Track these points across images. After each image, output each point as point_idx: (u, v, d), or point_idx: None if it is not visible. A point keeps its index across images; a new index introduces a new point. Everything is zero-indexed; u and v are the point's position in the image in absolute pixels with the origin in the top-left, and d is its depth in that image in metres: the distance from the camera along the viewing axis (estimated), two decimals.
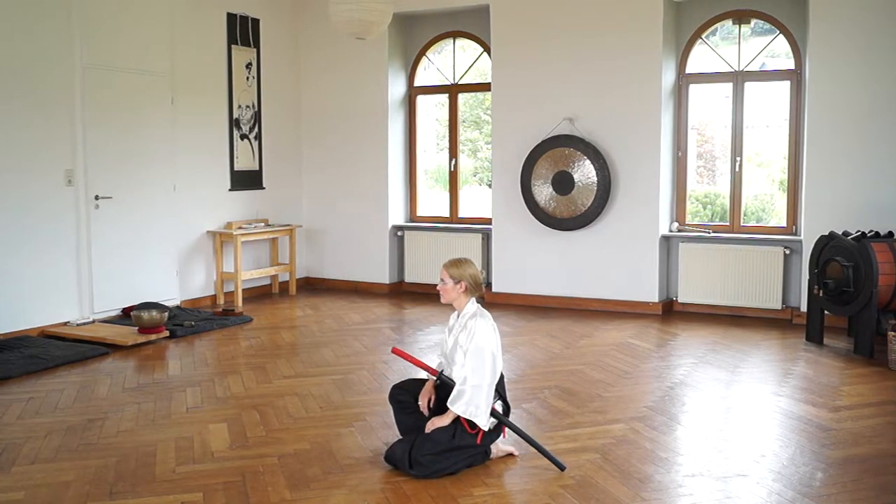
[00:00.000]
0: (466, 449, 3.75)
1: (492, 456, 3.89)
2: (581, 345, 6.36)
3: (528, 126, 7.90)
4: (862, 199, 6.75)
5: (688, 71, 7.69)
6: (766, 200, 7.92)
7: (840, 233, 6.19)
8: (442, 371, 3.94)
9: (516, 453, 3.95)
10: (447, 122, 8.89)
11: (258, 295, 8.64)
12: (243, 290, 8.27)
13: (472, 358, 3.75)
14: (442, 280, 3.93)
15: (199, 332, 6.78)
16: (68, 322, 6.79)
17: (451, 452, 3.71)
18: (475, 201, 9.07)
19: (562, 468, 3.77)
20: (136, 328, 6.51)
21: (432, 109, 9.30)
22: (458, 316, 3.95)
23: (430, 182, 9.37)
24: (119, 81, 7.14)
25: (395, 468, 3.76)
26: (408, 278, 8.86)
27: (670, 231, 7.72)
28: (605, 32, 7.58)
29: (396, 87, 8.84)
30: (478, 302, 3.98)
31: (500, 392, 3.91)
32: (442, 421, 3.76)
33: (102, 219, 7.04)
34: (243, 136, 8.45)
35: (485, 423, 3.74)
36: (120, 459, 3.94)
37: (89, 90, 6.89)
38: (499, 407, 3.90)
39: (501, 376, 3.92)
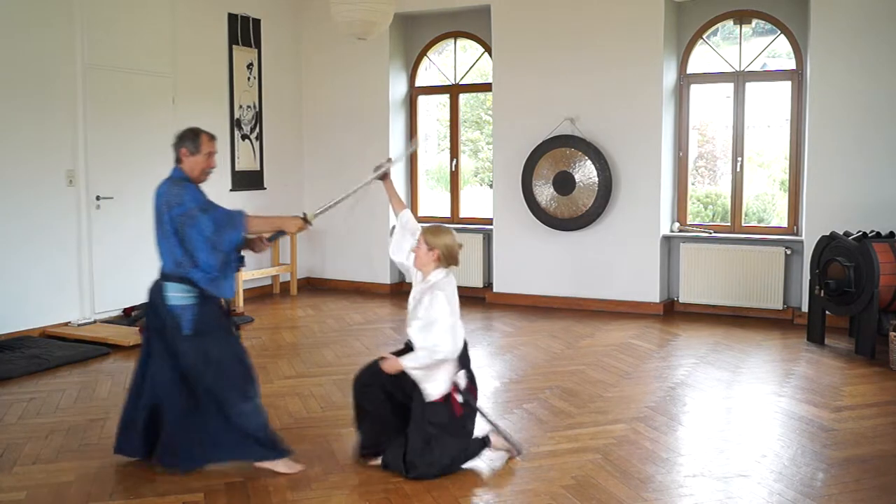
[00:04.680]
0: (458, 439, 3.70)
1: (490, 447, 3.83)
2: (582, 345, 6.35)
3: (529, 126, 7.90)
4: (863, 199, 6.74)
5: (689, 71, 7.69)
6: (767, 200, 7.92)
7: (841, 233, 6.18)
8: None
9: (515, 453, 3.93)
10: (448, 123, 8.90)
11: (259, 295, 8.64)
12: (244, 290, 8.27)
13: (427, 331, 3.67)
14: (418, 243, 3.88)
15: None
16: (69, 322, 6.79)
17: (442, 440, 3.66)
18: (476, 201, 9.08)
19: (519, 452, 3.82)
20: (137, 328, 6.51)
21: (433, 110, 9.30)
22: (422, 280, 3.87)
23: (432, 182, 9.37)
24: (121, 81, 7.15)
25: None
26: (408, 278, 8.84)
27: (671, 231, 7.72)
28: (607, 33, 7.58)
29: (397, 88, 8.84)
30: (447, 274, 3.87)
31: (463, 362, 3.82)
32: (397, 363, 3.69)
33: (104, 219, 7.04)
34: (244, 137, 8.46)
35: (436, 393, 3.67)
36: (121, 460, 3.94)
37: (91, 90, 6.89)
38: (462, 378, 3.79)
39: (465, 345, 3.83)
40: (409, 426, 3.73)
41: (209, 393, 3.72)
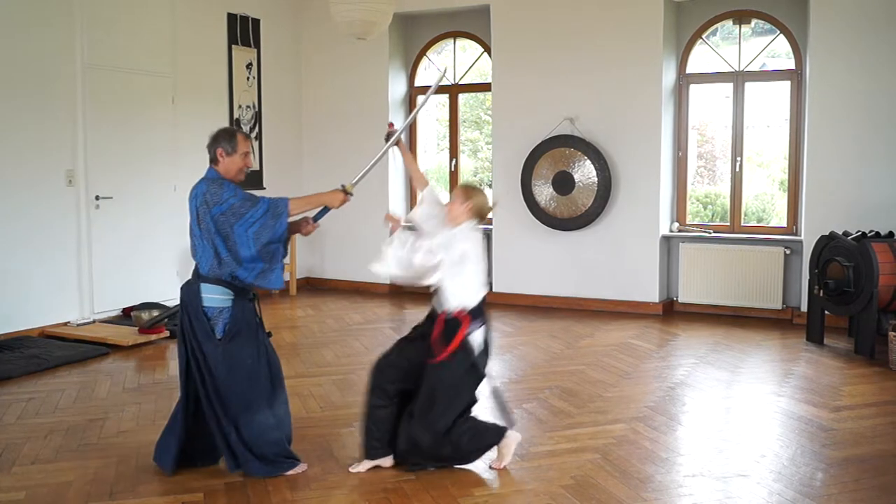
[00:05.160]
0: (459, 398, 3.70)
1: (505, 440, 3.80)
2: (582, 345, 6.36)
3: (529, 126, 7.90)
4: (862, 198, 6.74)
5: (688, 71, 7.69)
6: (766, 200, 7.92)
7: (840, 233, 6.19)
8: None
9: (502, 464, 3.83)
10: (447, 123, 8.90)
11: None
12: None
13: (426, 247, 3.69)
14: (453, 198, 3.85)
15: None
16: (69, 322, 6.79)
17: (446, 397, 3.66)
18: None
19: (511, 425, 3.85)
20: (137, 328, 6.51)
21: (433, 109, 9.30)
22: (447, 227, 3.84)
23: (431, 182, 9.36)
24: (121, 82, 7.15)
25: (415, 461, 3.73)
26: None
27: (671, 231, 7.72)
28: (607, 33, 7.58)
29: (397, 87, 8.84)
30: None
31: (482, 313, 3.79)
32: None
33: (103, 219, 7.04)
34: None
35: (381, 271, 3.78)
36: (120, 460, 3.94)
37: (91, 90, 6.89)
38: (480, 334, 3.77)
39: (484, 300, 3.81)
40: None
41: (231, 397, 3.63)
